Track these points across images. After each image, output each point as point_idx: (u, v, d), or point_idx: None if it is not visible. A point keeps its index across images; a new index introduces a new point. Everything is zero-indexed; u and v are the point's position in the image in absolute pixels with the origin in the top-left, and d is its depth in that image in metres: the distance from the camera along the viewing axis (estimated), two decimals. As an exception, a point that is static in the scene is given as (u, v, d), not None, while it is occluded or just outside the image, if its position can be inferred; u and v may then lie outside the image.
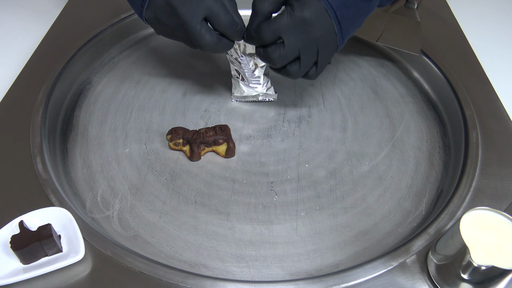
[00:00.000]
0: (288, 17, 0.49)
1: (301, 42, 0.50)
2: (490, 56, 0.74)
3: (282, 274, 0.48)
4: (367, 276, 0.45)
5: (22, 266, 0.45)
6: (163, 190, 0.55)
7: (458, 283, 0.42)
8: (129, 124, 0.63)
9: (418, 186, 0.57)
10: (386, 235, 0.52)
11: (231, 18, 0.52)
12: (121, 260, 0.45)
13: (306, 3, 0.48)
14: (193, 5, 0.50)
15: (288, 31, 0.49)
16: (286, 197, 0.55)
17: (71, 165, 0.58)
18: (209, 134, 0.58)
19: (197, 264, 0.49)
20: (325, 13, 0.49)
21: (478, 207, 0.42)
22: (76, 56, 0.68)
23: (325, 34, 0.50)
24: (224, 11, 0.51)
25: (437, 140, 0.63)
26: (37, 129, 0.57)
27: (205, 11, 0.50)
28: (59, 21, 0.75)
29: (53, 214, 0.47)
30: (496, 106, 0.63)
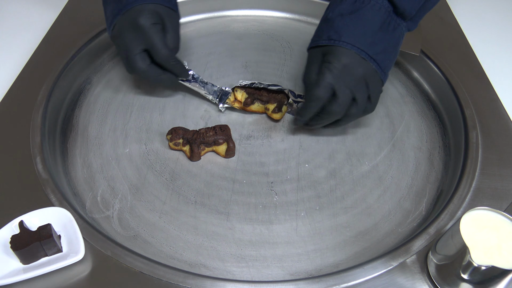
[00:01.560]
0: (329, 71, 0.53)
1: (350, 84, 0.53)
2: (490, 56, 0.74)
3: (282, 274, 0.48)
4: (367, 276, 0.45)
5: (22, 266, 0.45)
6: (163, 190, 0.55)
7: (458, 283, 0.42)
8: (129, 124, 0.63)
9: (418, 186, 0.57)
10: (386, 235, 0.52)
11: (167, 52, 0.59)
12: (121, 260, 0.45)
13: (338, 54, 0.53)
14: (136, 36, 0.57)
15: (336, 80, 0.53)
16: (286, 197, 0.55)
17: (71, 165, 0.58)
18: (209, 134, 0.58)
19: (197, 264, 0.49)
20: (357, 56, 0.53)
21: (478, 207, 0.42)
22: (76, 56, 0.67)
23: (367, 72, 0.53)
24: (162, 45, 0.58)
25: (437, 140, 0.63)
26: (37, 129, 0.57)
27: (145, 44, 0.58)
28: (59, 21, 0.75)
29: (53, 214, 0.47)
30: (496, 106, 0.63)
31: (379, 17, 0.53)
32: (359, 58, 0.53)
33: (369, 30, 0.53)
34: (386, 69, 0.55)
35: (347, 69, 0.53)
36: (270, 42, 0.78)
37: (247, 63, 0.73)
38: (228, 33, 0.79)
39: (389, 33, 0.54)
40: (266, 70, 0.72)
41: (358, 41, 0.53)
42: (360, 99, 0.54)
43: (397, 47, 0.56)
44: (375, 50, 0.53)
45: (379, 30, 0.53)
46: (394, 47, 0.55)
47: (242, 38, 0.78)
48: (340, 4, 0.55)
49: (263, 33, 0.79)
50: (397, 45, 0.56)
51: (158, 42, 0.58)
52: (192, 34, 0.77)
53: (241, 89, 0.64)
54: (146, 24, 0.57)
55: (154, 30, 0.58)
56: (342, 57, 0.53)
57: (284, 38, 0.78)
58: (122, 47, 0.59)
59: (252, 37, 0.78)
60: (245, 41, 0.77)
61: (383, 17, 0.53)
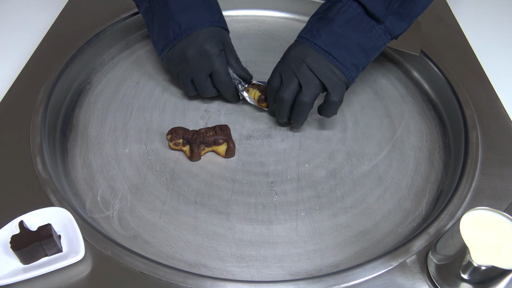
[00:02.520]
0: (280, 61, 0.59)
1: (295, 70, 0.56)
2: (490, 56, 0.74)
3: (282, 274, 0.48)
4: (367, 276, 0.45)
5: (22, 266, 0.45)
6: (163, 190, 0.55)
7: (458, 283, 0.42)
8: (129, 124, 0.63)
9: (418, 186, 0.57)
10: (386, 235, 0.52)
11: (229, 79, 0.63)
12: (121, 260, 0.45)
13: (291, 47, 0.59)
14: (202, 62, 0.60)
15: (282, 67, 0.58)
16: (286, 197, 0.55)
17: (71, 165, 0.58)
18: (209, 134, 0.58)
19: (197, 264, 0.49)
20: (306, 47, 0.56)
21: (478, 207, 0.42)
22: (76, 56, 0.67)
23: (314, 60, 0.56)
24: (226, 73, 0.62)
25: (437, 140, 0.63)
26: (37, 129, 0.57)
27: (211, 69, 0.61)
28: (59, 21, 0.74)
29: (53, 214, 0.47)
30: (496, 106, 0.63)
31: (343, 16, 0.55)
32: (307, 48, 0.56)
33: (329, 27, 0.55)
34: (346, 63, 0.55)
35: (293, 57, 0.57)
36: (270, 42, 0.78)
37: (247, 63, 0.73)
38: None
39: (357, 31, 0.55)
40: (266, 70, 0.72)
41: (314, 36, 0.56)
42: (306, 86, 0.56)
43: (367, 48, 0.56)
44: (331, 44, 0.55)
45: (340, 27, 0.55)
46: (361, 45, 0.55)
47: (242, 38, 0.78)
48: (317, 11, 0.59)
49: (263, 33, 0.79)
50: (368, 46, 0.56)
51: (223, 70, 0.61)
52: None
53: (251, 88, 0.65)
54: (215, 51, 0.60)
55: (221, 57, 0.61)
56: (292, 48, 0.58)
57: (284, 38, 0.78)
58: (185, 71, 0.62)
59: (252, 37, 0.78)
60: (245, 41, 0.77)
61: (348, 16, 0.55)
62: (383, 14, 0.54)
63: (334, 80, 0.56)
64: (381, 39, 0.56)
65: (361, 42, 0.55)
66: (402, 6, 0.54)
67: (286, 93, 0.57)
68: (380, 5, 0.54)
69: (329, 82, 0.56)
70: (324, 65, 0.55)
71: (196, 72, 0.61)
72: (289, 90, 0.57)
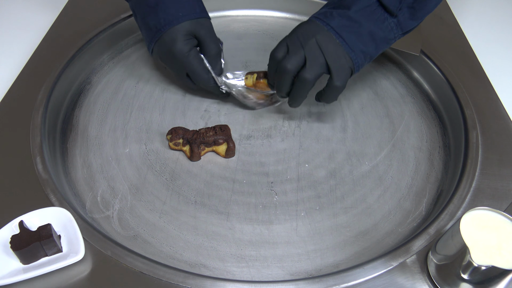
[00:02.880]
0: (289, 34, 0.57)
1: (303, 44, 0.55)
2: (490, 56, 0.74)
3: (282, 274, 0.48)
4: (367, 276, 0.45)
5: (22, 266, 0.45)
6: (163, 190, 0.55)
7: (458, 283, 0.42)
8: (129, 124, 0.63)
9: (418, 186, 0.57)
10: (386, 235, 0.52)
11: (207, 76, 0.62)
12: (121, 260, 0.45)
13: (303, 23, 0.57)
14: (176, 63, 0.61)
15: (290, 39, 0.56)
16: (286, 197, 0.55)
17: (71, 165, 0.58)
18: (209, 134, 0.58)
19: (197, 264, 0.49)
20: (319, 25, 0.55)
21: (478, 207, 0.42)
22: (76, 56, 0.67)
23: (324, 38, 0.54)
24: (201, 71, 0.61)
25: (437, 140, 0.63)
26: (37, 129, 0.57)
27: (184, 70, 0.62)
28: (59, 21, 0.75)
29: (53, 214, 0.47)
30: (496, 106, 0.63)
31: (358, 3, 0.54)
32: (319, 26, 0.55)
33: (344, 12, 0.54)
34: (355, 49, 0.54)
35: (304, 31, 0.55)
36: (270, 42, 0.78)
37: (247, 63, 0.73)
38: (228, 33, 0.79)
39: (370, 20, 0.54)
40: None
41: (328, 17, 0.55)
42: (311, 62, 0.54)
43: (377, 38, 0.55)
44: (342, 28, 0.54)
45: (355, 13, 0.54)
46: (373, 36, 0.55)
47: (242, 38, 0.78)
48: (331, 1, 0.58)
49: (263, 33, 0.79)
50: (379, 36, 0.55)
51: (196, 68, 0.61)
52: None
53: (250, 74, 0.62)
54: (182, 52, 0.60)
55: (191, 56, 0.60)
56: (303, 24, 0.56)
57: (284, 38, 0.78)
58: (169, 68, 0.64)
59: (252, 37, 0.78)
60: (245, 41, 0.77)
61: (363, 4, 0.54)
62: (396, 7, 0.54)
63: (340, 63, 0.54)
64: (392, 32, 0.56)
65: (373, 31, 0.54)
66: (416, 2, 0.54)
67: (290, 63, 0.55)
68: None
69: (335, 64, 0.54)
70: (333, 46, 0.54)
71: (174, 71, 0.64)
72: (294, 61, 0.55)
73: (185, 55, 0.60)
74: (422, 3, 0.54)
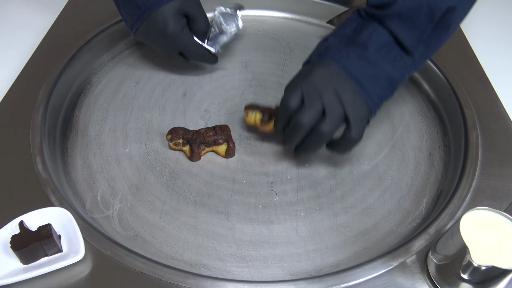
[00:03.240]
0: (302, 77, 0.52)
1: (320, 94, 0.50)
2: (490, 56, 0.74)
3: (282, 274, 0.48)
4: (367, 276, 0.45)
5: (22, 266, 0.45)
6: (163, 190, 0.55)
7: (458, 283, 0.42)
8: (129, 124, 0.63)
9: (418, 186, 0.57)
10: (386, 235, 0.52)
11: (199, 54, 0.64)
12: (121, 260, 0.45)
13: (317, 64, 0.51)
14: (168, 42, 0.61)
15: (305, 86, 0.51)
16: (286, 197, 0.55)
17: (71, 165, 0.58)
18: (209, 134, 0.58)
19: (197, 264, 0.49)
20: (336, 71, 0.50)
21: (478, 207, 0.42)
22: (76, 56, 0.67)
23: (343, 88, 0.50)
24: (194, 48, 0.62)
25: (437, 140, 0.63)
26: (37, 129, 0.57)
27: (178, 49, 0.62)
28: (59, 21, 0.75)
29: (53, 214, 0.47)
30: (496, 106, 0.63)
31: (375, 42, 0.50)
32: (336, 71, 0.50)
33: (361, 52, 0.50)
34: (374, 96, 0.51)
35: (320, 78, 0.50)
36: (270, 42, 0.78)
37: (247, 63, 0.73)
38: (228, 33, 0.79)
39: (387, 60, 0.51)
40: (266, 70, 0.72)
41: (343, 58, 0.50)
42: (330, 113, 0.49)
43: (394, 78, 0.52)
44: (361, 72, 0.50)
45: (373, 53, 0.50)
46: (390, 77, 0.51)
47: (242, 38, 0.78)
48: (342, 29, 0.53)
49: (263, 33, 0.79)
50: (394, 76, 0.52)
51: (190, 47, 0.62)
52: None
53: (250, 110, 0.58)
54: (176, 32, 0.60)
55: (184, 35, 0.60)
56: (318, 68, 0.51)
57: (284, 38, 0.78)
58: (156, 47, 0.64)
59: (252, 37, 0.78)
60: (245, 41, 0.77)
61: (380, 43, 0.50)
62: (414, 46, 0.50)
63: (359, 114, 0.50)
64: (407, 72, 0.52)
65: (391, 74, 0.51)
66: (431, 35, 0.51)
67: (307, 117, 0.50)
68: (412, 36, 0.50)
69: (353, 114, 0.50)
70: (352, 94, 0.50)
71: (166, 51, 0.64)
72: (311, 115, 0.50)
73: (178, 35, 0.60)
74: (436, 37, 0.51)
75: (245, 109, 0.58)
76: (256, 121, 0.57)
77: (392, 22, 0.50)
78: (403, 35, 0.50)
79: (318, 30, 0.81)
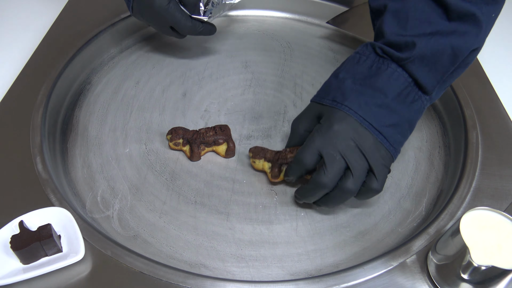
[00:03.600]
0: (319, 133, 0.48)
1: (341, 151, 0.47)
2: (490, 56, 0.74)
3: (282, 274, 0.48)
4: (367, 276, 0.45)
5: (22, 266, 0.45)
6: (163, 190, 0.55)
7: (458, 283, 0.42)
8: (129, 124, 0.63)
9: (418, 186, 0.57)
10: (386, 235, 0.52)
11: (189, 28, 0.63)
12: (121, 260, 0.45)
13: (335, 117, 0.48)
14: (158, 18, 0.62)
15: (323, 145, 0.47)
16: (286, 197, 0.55)
17: (71, 165, 0.58)
18: (209, 134, 0.58)
19: (197, 264, 0.49)
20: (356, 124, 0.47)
21: (478, 207, 0.42)
22: (76, 56, 0.67)
23: (365, 142, 0.47)
24: (183, 24, 0.62)
25: (437, 140, 0.63)
26: (37, 129, 0.57)
27: (167, 23, 0.63)
28: (59, 21, 0.75)
29: (53, 214, 0.47)
30: (496, 106, 0.63)
31: (395, 87, 0.48)
32: (357, 126, 0.47)
33: (380, 100, 0.48)
34: (396, 144, 0.49)
35: (339, 132, 0.47)
36: (270, 42, 0.78)
37: (247, 63, 0.73)
38: (228, 33, 0.79)
39: (406, 105, 0.48)
40: (266, 70, 0.72)
41: (362, 108, 0.47)
42: (355, 170, 0.46)
43: (412, 122, 0.50)
44: (381, 122, 0.48)
45: (393, 100, 0.48)
46: (409, 122, 0.49)
47: (242, 38, 0.78)
48: (355, 66, 0.50)
49: (263, 33, 0.80)
50: (413, 119, 0.50)
51: (179, 22, 0.61)
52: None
53: (257, 158, 0.55)
54: (162, 6, 0.60)
55: (170, 8, 0.60)
56: (338, 122, 0.47)
57: (284, 38, 0.78)
58: (151, 25, 0.65)
59: (252, 37, 0.78)
60: (245, 41, 0.78)
61: (400, 87, 0.48)
62: (433, 87, 0.49)
63: (381, 164, 0.48)
64: (422, 110, 0.50)
65: (410, 117, 0.49)
66: (451, 75, 0.50)
67: (330, 178, 0.47)
68: (432, 78, 0.48)
69: (377, 166, 0.47)
70: (374, 146, 0.47)
71: (157, 27, 0.65)
72: (334, 174, 0.47)
73: (165, 9, 0.60)
74: (455, 76, 0.50)
75: (252, 157, 0.56)
76: (265, 170, 0.55)
77: (413, 65, 0.48)
78: (423, 78, 0.48)
79: (318, 30, 0.81)
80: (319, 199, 0.50)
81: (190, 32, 0.65)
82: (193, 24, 0.63)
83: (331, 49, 0.77)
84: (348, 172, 0.47)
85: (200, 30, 0.65)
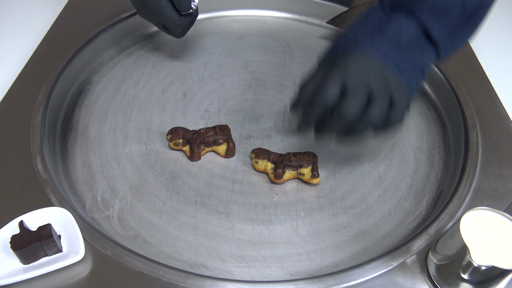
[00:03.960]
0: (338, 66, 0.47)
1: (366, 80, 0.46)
2: (490, 56, 0.74)
3: (282, 274, 0.48)
4: (367, 276, 0.45)
5: (22, 266, 0.45)
6: (163, 190, 0.55)
7: (458, 283, 0.42)
8: (129, 124, 0.63)
9: (418, 186, 0.57)
10: (386, 235, 0.52)
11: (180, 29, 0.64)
12: (121, 260, 0.45)
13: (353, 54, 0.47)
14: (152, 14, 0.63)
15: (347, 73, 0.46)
16: (286, 197, 0.55)
17: (71, 165, 0.58)
18: (209, 134, 0.58)
19: (197, 264, 0.49)
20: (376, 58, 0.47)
21: (478, 207, 0.42)
22: (76, 56, 0.67)
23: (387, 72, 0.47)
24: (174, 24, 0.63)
25: (437, 140, 0.63)
26: (37, 129, 0.57)
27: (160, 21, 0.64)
28: (59, 21, 0.75)
29: (53, 214, 0.47)
30: (496, 106, 0.63)
31: (407, 35, 0.48)
32: (377, 59, 0.47)
33: (393, 45, 0.48)
34: (412, 83, 0.48)
35: (361, 65, 0.46)
36: (270, 42, 0.78)
37: (247, 63, 0.73)
38: (228, 33, 0.79)
39: (418, 54, 0.49)
40: (266, 70, 0.72)
41: (377, 46, 0.47)
42: (380, 99, 0.45)
43: (424, 73, 0.50)
44: (398, 61, 0.47)
45: (405, 47, 0.48)
46: (422, 71, 0.49)
47: (242, 38, 0.78)
48: (365, 22, 0.51)
49: (263, 33, 0.79)
50: (424, 68, 0.50)
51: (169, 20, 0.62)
52: (192, 34, 0.77)
53: (260, 158, 0.56)
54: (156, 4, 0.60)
55: (165, 10, 0.61)
56: (355, 55, 0.47)
57: (284, 38, 0.78)
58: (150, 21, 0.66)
59: (252, 37, 0.78)
60: (245, 41, 0.78)
61: (411, 36, 0.48)
62: (442, 40, 0.49)
63: (404, 97, 0.47)
64: (431, 62, 0.51)
65: (422, 66, 0.49)
66: (459, 31, 0.50)
67: (354, 107, 0.45)
68: (441, 30, 0.48)
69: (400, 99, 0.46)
70: (396, 78, 0.47)
71: (154, 24, 0.66)
72: (359, 103, 0.45)
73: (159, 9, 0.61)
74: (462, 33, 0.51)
75: (255, 157, 0.56)
76: (267, 170, 0.56)
77: (424, 14, 0.48)
78: (433, 28, 0.48)
79: (318, 30, 0.81)
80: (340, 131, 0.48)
81: (179, 28, 0.64)
82: (181, 23, 0.64)
83: (331, 49, 0.77)
84: (372, 100, 0.45)
85: (188, 25, 0.65)
